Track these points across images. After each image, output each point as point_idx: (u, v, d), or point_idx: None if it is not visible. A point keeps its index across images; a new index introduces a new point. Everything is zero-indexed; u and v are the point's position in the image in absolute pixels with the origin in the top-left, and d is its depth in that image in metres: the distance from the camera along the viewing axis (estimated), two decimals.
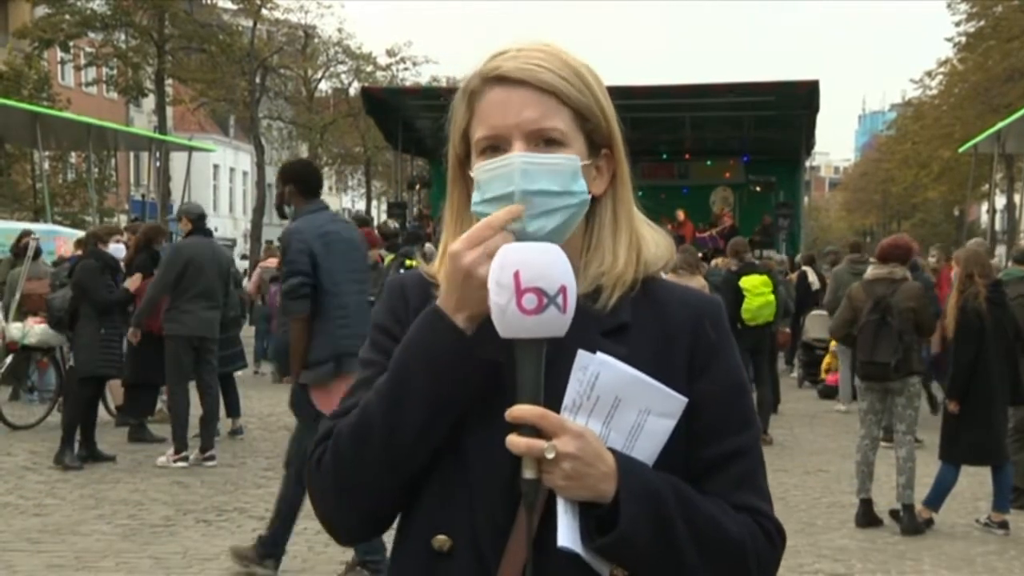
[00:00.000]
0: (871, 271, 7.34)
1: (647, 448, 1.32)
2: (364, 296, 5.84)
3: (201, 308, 8.72)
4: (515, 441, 1.25)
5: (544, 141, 1.35)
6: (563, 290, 1.24)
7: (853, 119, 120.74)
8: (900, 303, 6.99)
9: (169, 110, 35.69)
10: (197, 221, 9.16)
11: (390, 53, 39.66)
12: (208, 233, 9.37)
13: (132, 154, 39.29)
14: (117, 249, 9.95)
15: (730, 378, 1.41)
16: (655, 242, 1.45)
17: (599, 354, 1.29)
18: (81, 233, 17.54)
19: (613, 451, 1.29)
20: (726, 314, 1.46)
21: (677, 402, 1.32)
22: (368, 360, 1.44)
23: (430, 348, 1.31)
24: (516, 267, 1.24)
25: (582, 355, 1.28)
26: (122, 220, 28.98)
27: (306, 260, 5.47)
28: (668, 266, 1.46)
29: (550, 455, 1.24)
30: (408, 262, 10.37)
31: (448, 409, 1.32)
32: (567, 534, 1.26)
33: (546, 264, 1.25)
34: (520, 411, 1.25)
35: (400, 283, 1.50)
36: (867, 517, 7.13)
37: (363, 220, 13.58)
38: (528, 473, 1.25)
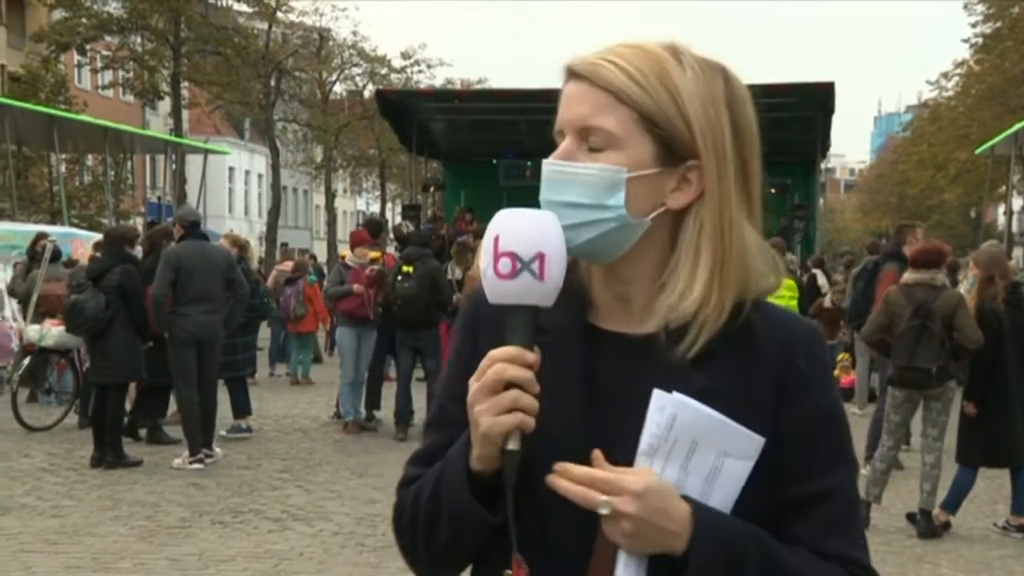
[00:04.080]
0: (909, 276, 7.23)
1: (725, 492, 1.22)
2: None
3: (198, 311, 8.75)
4: (568, 488, 1.18)
5: (587, 140, 1.26)
6: (540, 257, 1.20)
7: (868, 120, 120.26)
8: (941, 309, 6.91)
9: (185, 113, 35.83)
10: (189, 226, 9.20)
11: (405, 56, 39.74)
12: (203, 236, 9.39)
13: (148, 157, 39.46)
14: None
15: (822, 412, 1.28)
16: (762, 263, 1.29)
17: (675, 394, 1.21)
18: (98, 236, 17.64)
19: (689, 500, 1.20)
20: (824, 341, 1.34)
21: (754, 442, 1.22)
22: (442, 407, 1.38)
23: (452, 504, 1.26)
24: (497, 232, 1.22)
25: (658, 395, 1.21)
26: (138, 223, 29.10)
27: None
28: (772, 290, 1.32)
29: (604, 511, 1.17)
30: (405, 268, 10.34)
31: (482, 532, 1.26)
32: None
33: (524, 229, 1.21)
34: (568, 472, 1.18)
35: (472, 314, 1.37)
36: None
37: (376, 223, 13.59)
38: (511, 444, 1.19)
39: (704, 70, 1.28)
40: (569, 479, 1.18)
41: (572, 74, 1.28)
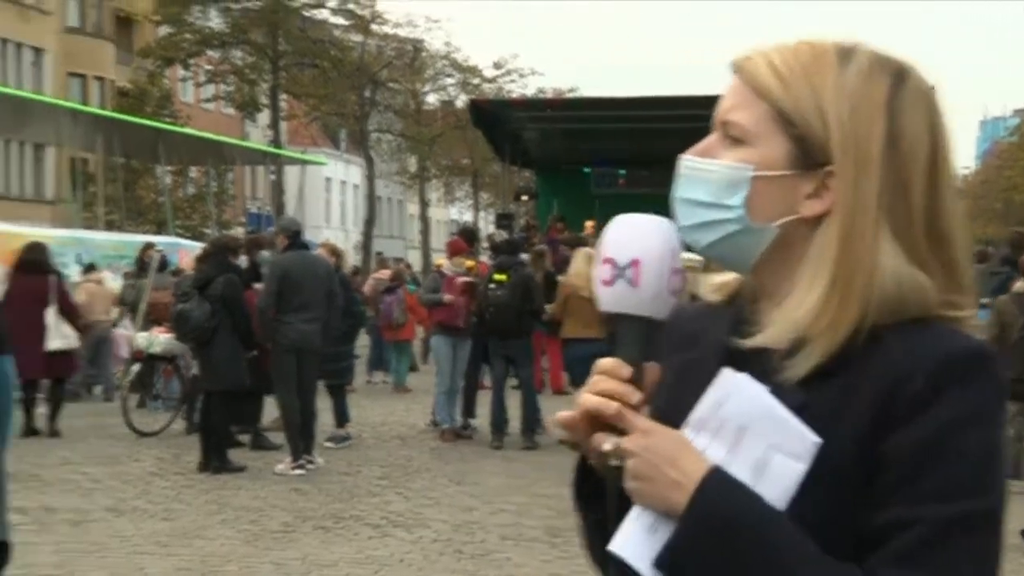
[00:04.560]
0: (1021, 284, 7.05)
1: (774, 491, 1.10)
2: None
3: (301, 320, 8.93)
4: (587, 402, 1.15)
5: (727, 135, 1.20)
6: (634, 263, 1.15)
7: (974, 125, 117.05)
8: None
9: (283, 124, 36.59)
10: (293, 236, 9.41)
11: (496, 65, 40.04)
12: (304, 246, 9.60)
13: (248, 168, 40.43)
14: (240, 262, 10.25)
15: (941, 437, 1.10)
16: (899, 282, 1.15)
17: (741, 375, 1.15)
18: (202, 245, 18.13)
19: (713, 466, 1.10)
20: (978, 367, 1.14)
21: (807, 442, 1.11)
22: None
23: (573, 499, 1.27)
24: (605, 236, 1.20)
25: (725, 373, 1.16)
26: (239, 232, 29.79)
27: None
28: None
29: (606, 447, 1.12)
30: (497, 276, 10.41)
31: (593, 528, 1.27)
32: (624, 540, 1.14)
33: (624, 233, 1.17)
34: (589, 401, 1.14)
35: (668, 324, 1.24)
36: None
37: (471, 231, 13.72)
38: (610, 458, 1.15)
39: (872, 70, 1.17)
40: (590, 405, 1.14)
41: (733, 67, 1.22)
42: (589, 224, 19.89)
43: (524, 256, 11.95)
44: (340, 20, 35.02)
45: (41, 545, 6.26)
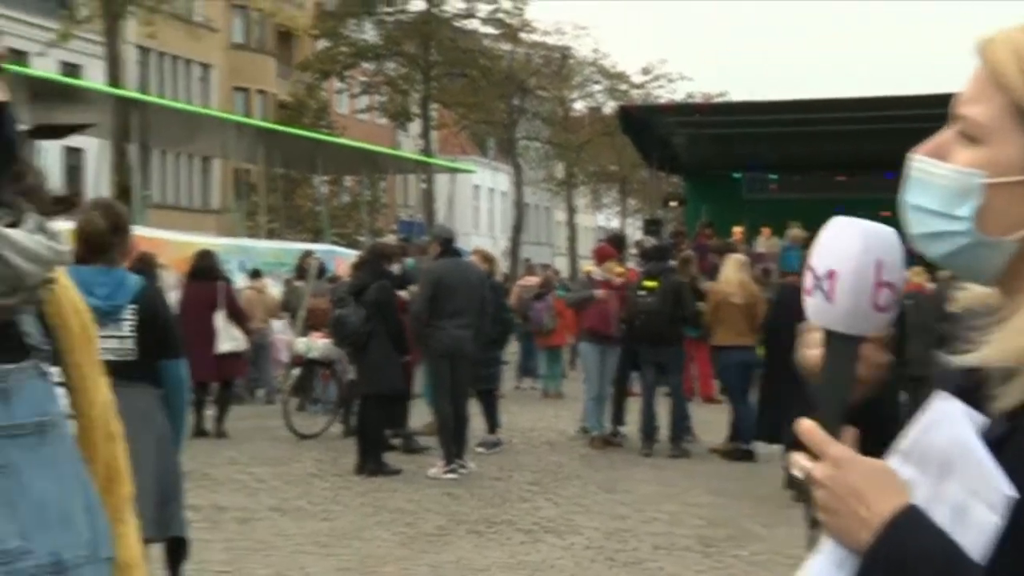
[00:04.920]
0: None
1: (972, 543, 0.98)
2: None
3: (454, 326, 9.08)
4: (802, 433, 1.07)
5: (961, 132, 1.06)
6: (831, 275, 1.05)
7: None
8: None
9: (433, 134, 37.30)
10: (446, 243, 9.59)
11: (645, 71, 39.88)
12: (457, 253, 9.76)
13: (400, 176, 41.31)
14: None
15: None
16: None
17: (953, 403, 1.03)
18: (356, 253, 18.63)
19: (906, 506, 1.00)
20: None
21: (1000, 494, 0.98)
22: None
23: None
24: (817, 239, 1.11)
25: (939, 397, 1.05)
26: (391, 240, 30.45)
27: None
28: None
29: (795, 472, 1.06)
30: (647, 282, 10.36)
31: None
32: (811, 573, 1.08)
33: (827, 241, 1.08)
34: (802, 426, 1.07)
35: None
36: None
37: (620, 238, 13.72)
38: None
39: None
40: (802, 430, 1.07)
41: (975, 51, 1.07)
42: (737, 230, 19.61)
43: (672, 262, 11.89)
44: (490, 29, 35.49)
45: (212, 542, 6.55)
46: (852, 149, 19.31)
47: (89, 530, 1.31)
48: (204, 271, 11.34)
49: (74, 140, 23.43)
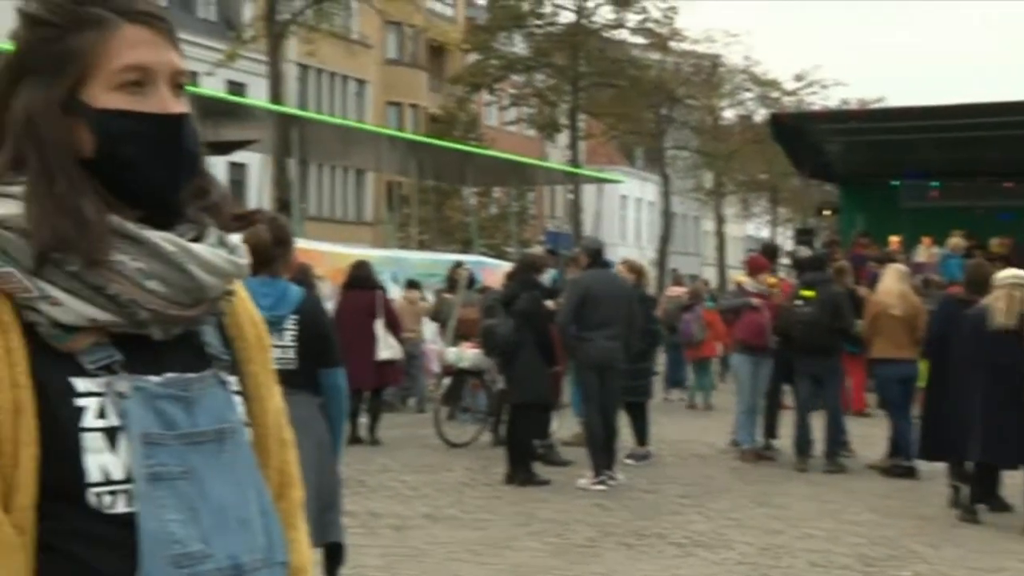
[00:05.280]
0: None
1: None
2: None
3: (601, 337, 9.04)
4: None
5: None
6: None
7: None
8: None
9: (581, 144, 37.40)
10: (594, 255, 9.56)
11: (797, 78, 39.12)
12: (606, 265, 9.72)
13: (547, 187, 41.55)
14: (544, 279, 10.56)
15: None
16: None
17: None
18: (508, 265, 18.80)
19: None
20: None
21: None
22: None
23: None
24: None
25: None
26: (538, 251, 30.61)
27: None
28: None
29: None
30: (804, 292, 10.13)
31: None
32: None
33: None
34: None
35: None
36: None
37: (772, 248, 13.44)
38: None
39: None
40: None
41: None
42: (895, 239, 19.00)
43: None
44: (639, 39, 35.39)
45: (368, 548, 6.70)
46: (1020, 155, 18.47)
47: (265, 535, 1.35)
48: (361, 280, 11.62)
49: (238, 155, 24.40)
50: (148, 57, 1.29)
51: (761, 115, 37.50)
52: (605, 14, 33.51)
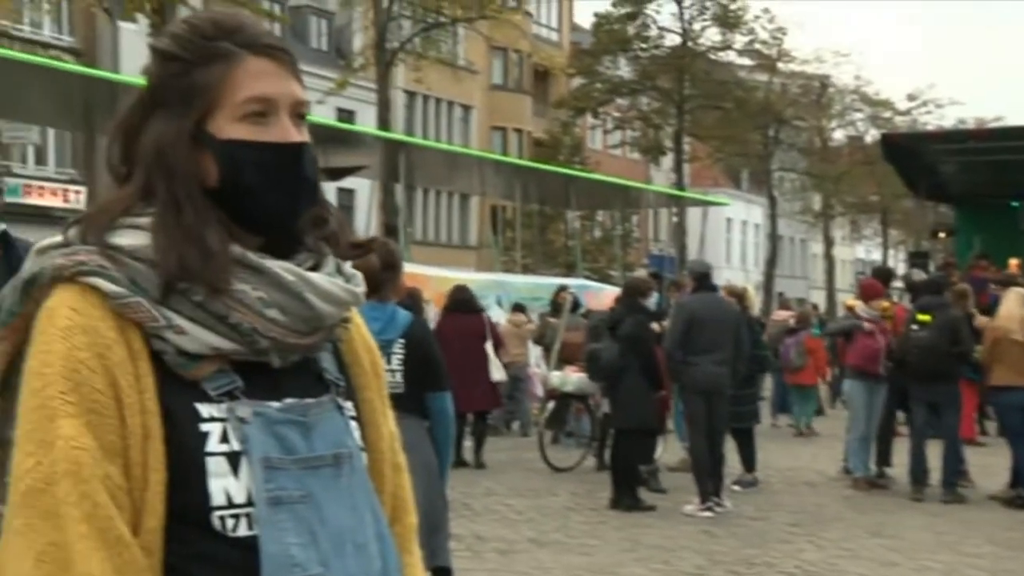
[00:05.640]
0: None
1: None
2: None
3: (708, 362, 8.92)
4: None
5: None
6: None
7: None
8: None
9: (685, 167, 37.18)
10: (700, 278, 9.45)
11: (911, 97, 38.30)
12: (713, 288, 9.60)
13: (651, 210, 41.33)
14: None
15: None
16: None
17: None
18: (611, 288, 18.72)
19: None
20: None
21: None
22: None
23: None
24: None
25: None
26: (642, 274, 30.46)
27: None
28: None
29: None
30: (920, 317, 9.84)
31: None
32: None
33: None
34: None
35: None
36: None
37: (886, 272, 13.11)
38: None
39: None
40: None
41: None
42: (1014, 263, 18.35)
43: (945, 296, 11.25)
44: (746, 61, 35.07)
45: (475, 572, 6.71)
46: None
47: (381, 559, 1.36)
48: (464, 304, 11.71)
49: (347, 181, 24.88)
50: (271, 88, 1.32)
51: (872, 136, 36.74)
52: (711, 36, 33.33)
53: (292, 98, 1.34)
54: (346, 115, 30.27)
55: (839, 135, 42.05)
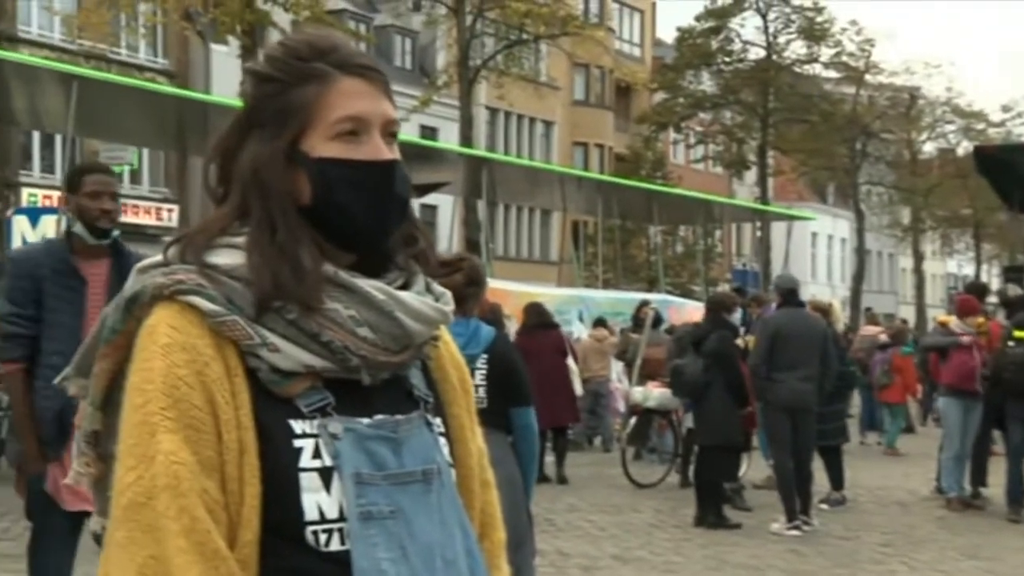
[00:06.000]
0: None
1: None
2: None
3: (793, 379, 8.78)
4: None
5: None
6: None
7: None
8: None
9: (769, 181, 36.75)
10: (786, 294, 9.32)
11: (1005, 108, 37.36)
12: (800, 304, 9.46)
13: (734, 225, 40.89)
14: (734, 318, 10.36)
15: None
16: None
17: None
18: (693, 303, 18.55)
19: None
20: None
21: None
22: None
23: None
24: None
25: None
26: (725, 289, 30.15)
27: None
28: None
29: None
30: (1017, 333, 9.56)
31: None
32: None
33: None
34: None
35: None
36: None
37: (982, 287, 12.78)
38: None
39: None
40: None
41: None
42: None
43: None
44: (832, 73, 34.60)
45: None
46: None
47: (470, 575, 1.37)
48: (541, 320, 11.69)
49: (429, 198, 25.11)
50: (363, 108, 1.34)
51: (964, 148, 35.90)
52: (797, 49, 32.93)
53: (384, 117, 1.36)
54: (429, 132, 30.56)
55: (929, 147, 41.21)
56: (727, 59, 33.18)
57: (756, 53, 33.04)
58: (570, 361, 11.60)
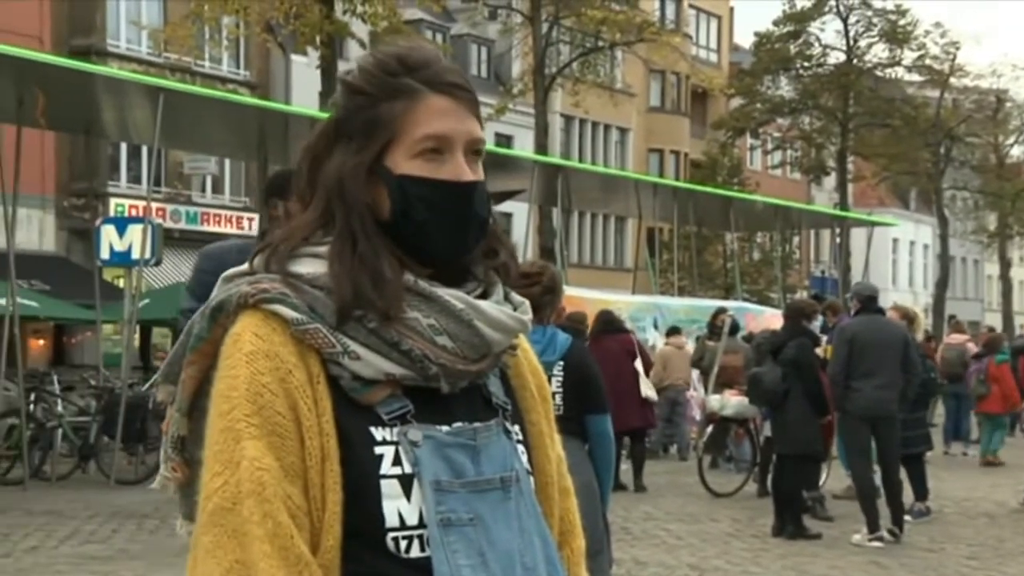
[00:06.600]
0: None
1: None
2: None
3: (871, 386, 8.62)
4: None
5: None
6: None
7: None
8: None
9: (849, 186, 36.14)
10: (865, 300, 9.15)
11: None
12: (879, 311, 9.28)
13: (813, 231, 40.29)
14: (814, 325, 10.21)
15: None
16: None
17: None
18: (771, 310, 18.32)
19: None
20: None
21: None
22: None
23: None
24: None
25: None
26: (804, 296, 29.73)
27: None
28: None
29: None
30: None
31: None
32: None
33: None
34: None
35: None
36: None
37: None
38: None
39: None
40: None
41: None
42: None
43: None
44: (915, 77, 33.95)
45: None
46: None
47: None
48: (610, 325, 11.65)
49: (504, 205, 25.18)
50: (448, 127, 1.35)
51: None
52: (878, 53, 32.36)
53: (468, 136, 1.37)
54: (504, 140, 30.65)
55: (1017, 151, 40.17)
56: (806, 64, 32.73)
57: (836, 57, 32.56)
58: (638, 364, 11.50)
